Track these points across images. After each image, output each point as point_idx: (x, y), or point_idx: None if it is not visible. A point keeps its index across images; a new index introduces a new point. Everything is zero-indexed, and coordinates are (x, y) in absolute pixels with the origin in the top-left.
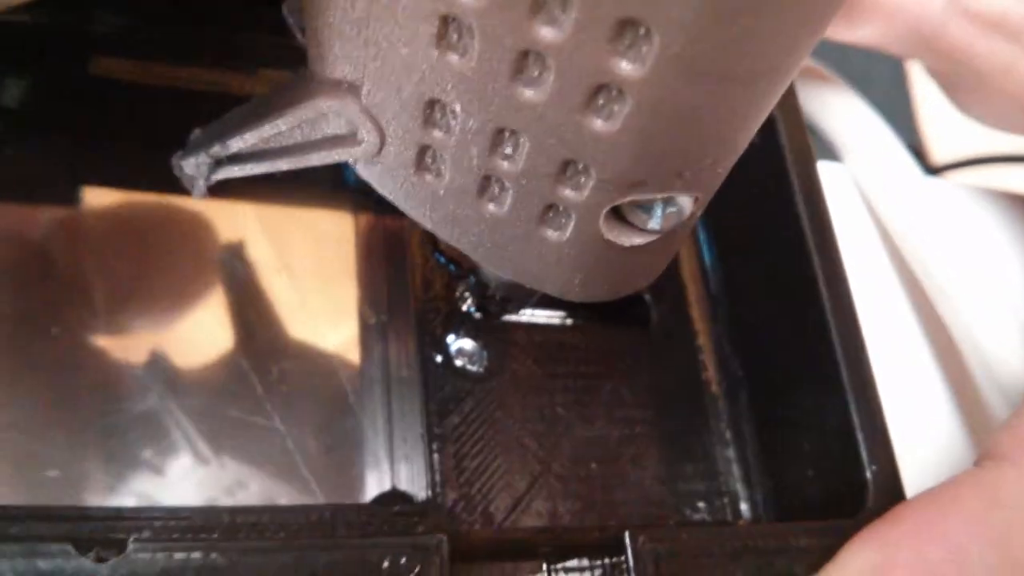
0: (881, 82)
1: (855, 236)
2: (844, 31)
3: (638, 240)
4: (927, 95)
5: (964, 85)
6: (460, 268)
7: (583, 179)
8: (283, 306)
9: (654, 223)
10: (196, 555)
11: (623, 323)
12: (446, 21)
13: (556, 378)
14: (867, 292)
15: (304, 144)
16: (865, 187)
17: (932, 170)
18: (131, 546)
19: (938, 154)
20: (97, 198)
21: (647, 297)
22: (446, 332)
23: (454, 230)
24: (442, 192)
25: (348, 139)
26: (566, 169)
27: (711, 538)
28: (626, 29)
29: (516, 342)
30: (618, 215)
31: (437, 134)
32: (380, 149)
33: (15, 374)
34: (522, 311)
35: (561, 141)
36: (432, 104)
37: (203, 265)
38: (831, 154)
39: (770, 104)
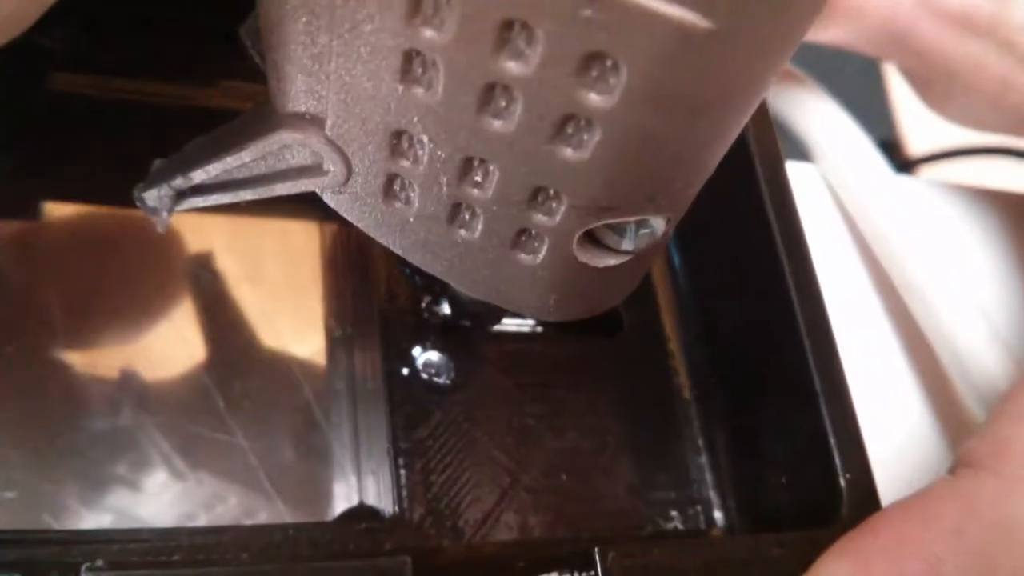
0: (855, 75)
1: (826, 237)
2: (813, 31)
3: (612, 261)
4: (902, 88)
5: (935, 84)
6: (425, 280)
7: (555, 205)
8: (247, 319)
9: (627, 244)
10: None
11: (593, 330)
12: (410, 56)
13: (525, 388)
14: (839, 294)
15: (269, 175)
16: (836, 187)
17: (908, 163)
18: (84, 575)
19: (914, 147)
20: (56, 214)
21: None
22: (412, 344)
23: (425, 255)
24: (412, 219)
25: (314, 169)
26: (537, 195)
27: (683, 551)
28: (593, 62)
29: (484, 353)
30: (591, 237)
31: (405, 163)
32: (347, 179)
33: None
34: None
35: (531, 169)
36: (399, 135)
37: (164, 279)
38: (801, 154)
39: (740, 125)
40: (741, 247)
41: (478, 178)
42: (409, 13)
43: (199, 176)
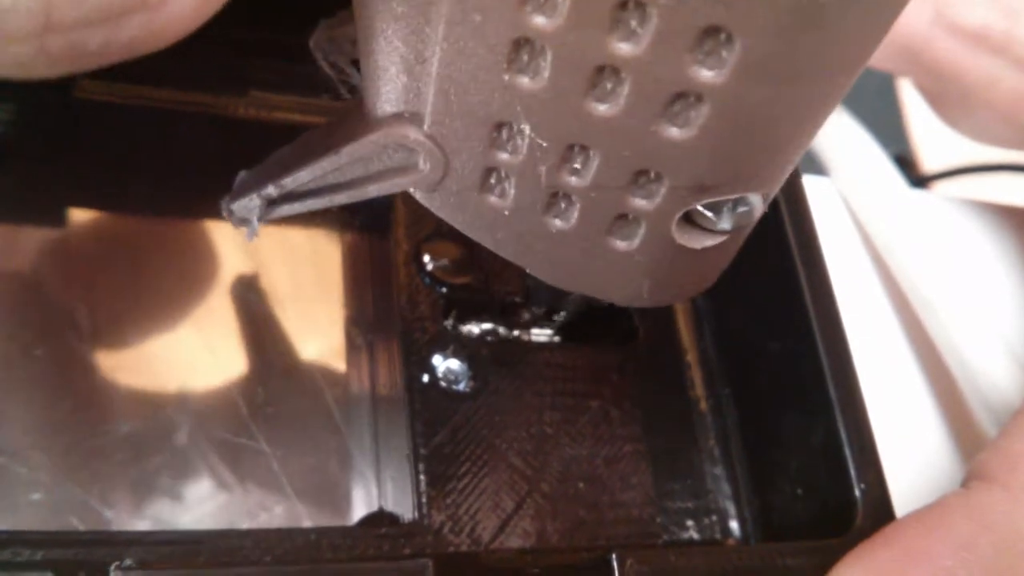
0: (871, 91)
1: (842, 251)
2: None
3: (709, 242)
4: (917, 104)
5: (950, 100)
6: (444, 287)
7: (655, 187)
8: (269, 326)
9: (724, 223)
10: None
11: (610, 340)
12: (517, 45)
13: (543, 396)
14: (854, 307)
15: (362, 177)
16: (852, 201)
17: (923, 178)
18: (113, 574)
19: (929, 162)
20: (83, 221)
21: (634, 313)
22: (432, 351)
23: (518, 248)
24: (507, 212)
25: (408, 169)
26: (638, 179)
27: (699, 559)
28: (706, 37)
29: (502, 361)
30: (687, 219)
31: (503, 156)
32: (443, 176)
33: None
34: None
35: (634, 152)
36: (499, 126)
37: (189, 286)
38: (817, 168)
39: (841, 97)
40: (758, 259)
41: (577, 165)
42: (521, 0)
43: (291, 183)
